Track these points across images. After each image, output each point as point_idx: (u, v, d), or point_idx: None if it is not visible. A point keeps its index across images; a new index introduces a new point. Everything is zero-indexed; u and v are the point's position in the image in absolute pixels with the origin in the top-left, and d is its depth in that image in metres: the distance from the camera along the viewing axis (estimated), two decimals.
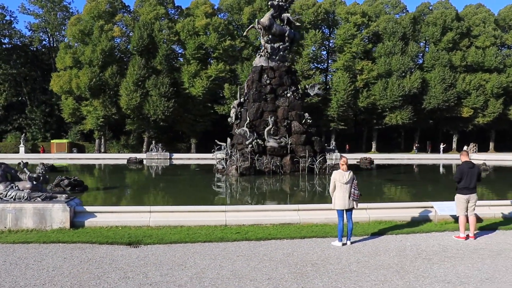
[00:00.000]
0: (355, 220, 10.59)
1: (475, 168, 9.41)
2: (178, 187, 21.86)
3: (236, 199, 16.45)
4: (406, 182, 24.45)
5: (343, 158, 8.99)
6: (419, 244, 8.73)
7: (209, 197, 17.47)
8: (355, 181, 8.86)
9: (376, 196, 17.08)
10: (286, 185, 21.99)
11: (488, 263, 7.35)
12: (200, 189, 20.27)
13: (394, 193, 19.33)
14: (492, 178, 27.66)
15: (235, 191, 20.04)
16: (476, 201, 9.46)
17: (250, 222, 10.31)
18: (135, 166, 36.33)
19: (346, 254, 8.01)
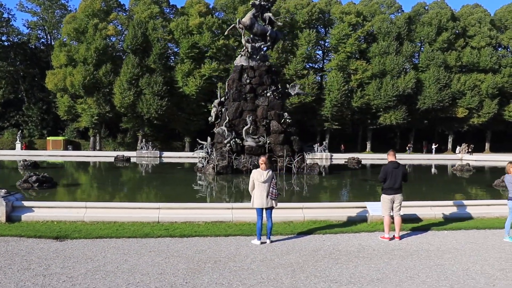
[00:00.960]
0: (291, 219, 10.81)
1: (400, 168, 9.41)
2: (147, 185, 22.08)
3: (194, 197, 16.58)
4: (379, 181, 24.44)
5: (262, 157, 9.12)
6: (339, 244, 8.79)
7: (171, 194, 17.68)
8: (274, 180, 8.98)
9: (333, 196, 17.19)
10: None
11: (393, 264, 7.37)
12: (169, 187, 20.51)
13: (352, 193, 19.42)
14: (464, 179, 27.64)
15: (202, 190, 20.24)
16: (401, 202, 9.43)
17: (182, 220, 10.48)
18: (122, 164, 36.63)
19: (258, 252, 8.14)
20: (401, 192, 9.45)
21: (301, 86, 31.66)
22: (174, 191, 19.36)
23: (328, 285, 6.26)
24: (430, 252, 8.17)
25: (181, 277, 6.58)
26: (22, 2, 67.26)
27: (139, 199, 15.27)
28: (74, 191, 17.66)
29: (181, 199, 15.20)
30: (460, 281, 6.45)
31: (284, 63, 57.96)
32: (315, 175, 26.32)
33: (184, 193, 18.31)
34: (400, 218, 9.37)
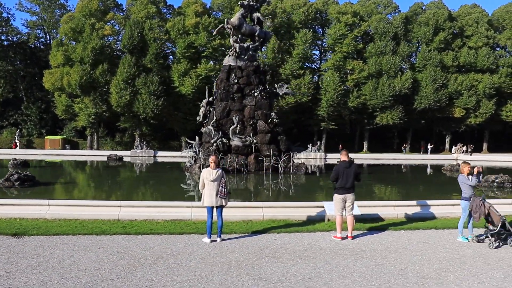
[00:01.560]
0: (250, 218, 10.97)
1: (351, 167, 9.47)
2: (129, 184, 22.32)
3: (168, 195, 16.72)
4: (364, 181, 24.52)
5: (211, 156, 9.31)
6: (289, 243, 8.89)
7: (147, 193, 17.88)
8: (223, 179, 9.14)
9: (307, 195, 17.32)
10: (239, 184, 22.24)
11: (332, 263, 7.45)
12: (146, 186, 20.71)
13: (328, 192, 19.46)
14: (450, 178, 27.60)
15: (181, 189, 20.41)
16: (353, 201, 9.49)
17: (143, 218, 10.67)
18: (114, 163, 36.87)
19: (204, 250, 8.29)
20: (353, 191, 9.52)
21: (289, 86, 31.56)
22: (150, 189, 19.58)
23: (256, 283, 6.39)
24: (376, 251, 8.27)
25: (116, 273, 6.75)
26: (21, 2, 67.76)
27: (112, 197, 15.45)
28: (52, 190, 17.86)
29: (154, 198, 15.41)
30: (390, 281, 6.55)
31: (280, 63, 58.05)
32: (301, 174, 26.44)
33: (159, 192, 18.52)
34: (352, 218, 9.46)
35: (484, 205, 8.74)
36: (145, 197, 16.40)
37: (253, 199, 15.78)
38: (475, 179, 9.21)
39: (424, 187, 22.99)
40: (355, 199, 9.70)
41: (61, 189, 18.31)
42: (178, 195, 16.72)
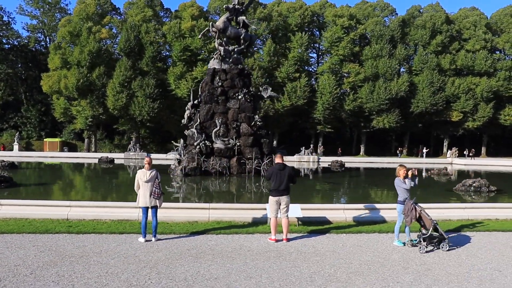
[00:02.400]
0: (196, 218, 11.11)
1: (286, 170, 9.53)
2: (99, 185, 22.60)
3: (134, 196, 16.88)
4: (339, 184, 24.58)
5: (146, 158, 9.46)
6: (221, 244, 8.97)
7: (119, 195, 18.08)
8: (157, 180, 9.29)
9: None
10: (215, 186, 22.38)
11: (250, 265, 7.52)
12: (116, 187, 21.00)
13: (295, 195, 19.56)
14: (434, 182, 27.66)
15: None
16: (287, 204, 9.49)
17: (91, 217, 10.86)
18: (105, 165, 37.18)
19: (133, 249, 8.44)
20: (288, 194, 9.54)
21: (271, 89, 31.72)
22: (116, 190, 19.85)
23: (160, 281, 6.52)
24: (302, 254, 8.31)
25: (32, 269, 6.94)
26: (22, 6, 68.60)
27: (78, 197, 15.66)
28: (25, 190, 18.06)
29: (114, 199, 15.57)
30: (295, 283, 6.57)
31: (276, 66, 58.20)
32: None
33: (121, 193, 18.76)
34: (287, 220, 9.49)
35: (415, 209, 8.79)
36: (106, 198, 16.58)
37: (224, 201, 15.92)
38: (409, 182, 9.26)
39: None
40: (290, 201, 9.75)
41: (34, 190, 18.52)
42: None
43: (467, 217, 11.95)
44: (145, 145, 67.38)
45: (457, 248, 8.87)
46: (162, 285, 6.40)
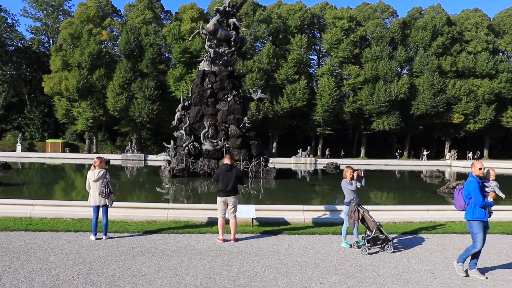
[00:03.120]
0: (154, 218, 11.20)
1: (233, 171, 9.60)
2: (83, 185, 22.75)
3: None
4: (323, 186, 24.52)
5: (95, 158, 9.56)
6: (167, 243, 9.04)
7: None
8: (105, 179, 9.38)
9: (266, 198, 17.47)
10: (199, 187, 22.46)
11: (186, 263, 7.59)
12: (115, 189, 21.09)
13: (272, 196, 19.66)
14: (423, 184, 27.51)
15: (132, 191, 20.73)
16: (235, 204, 9.57)
17: (53, 216, 11.09)
18: None
19: (79, 246, 8.59)
20: (235, 194, 9.61)
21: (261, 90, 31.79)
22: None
23: (85, 277, 6.69)
24: (242, 254, 8.34)
25: None
26: (26, 8, 69.37)
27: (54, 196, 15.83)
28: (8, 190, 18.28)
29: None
30: (217, 281, 6.67)
31: (275, 68, 58.20)
32: (271, 179, 26.49)
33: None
34: (234, 220, 9.55)
35: (358, 211, 8.78)
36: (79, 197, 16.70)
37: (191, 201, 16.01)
38: (355, 183, 9.25)
39: (385, 192, 22.87)
40: (238, 201, 9.83)
41: (16, 190, 18.74)
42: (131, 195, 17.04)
43: (429, 219, 11.89)
44: (147, 147, 67.79)
45: (404, 250, 8.84)
46: (87, 280, 6.53)
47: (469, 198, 7.00)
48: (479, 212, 6.91)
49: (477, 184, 6.95)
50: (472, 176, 7.08)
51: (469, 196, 7.01)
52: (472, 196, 6.95)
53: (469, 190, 7.02)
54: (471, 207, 6.98)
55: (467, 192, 7.05)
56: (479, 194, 6.88)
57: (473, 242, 7.03)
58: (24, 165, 37.78)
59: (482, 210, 6.92)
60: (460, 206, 7.19)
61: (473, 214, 6.94)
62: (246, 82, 55.89)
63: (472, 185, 6.97)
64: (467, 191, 7.05)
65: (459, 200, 7.15)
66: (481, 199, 6.87)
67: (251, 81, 55.73)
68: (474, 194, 6.91)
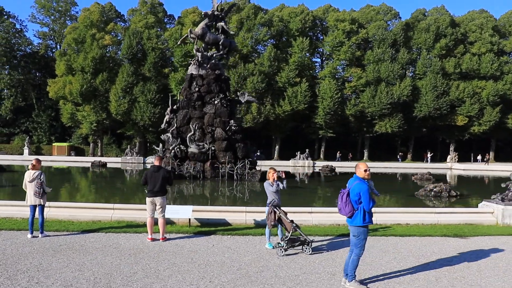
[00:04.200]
0: (99, 218, 11.48)
1: (160, 172, 9.82)
2: (70, 187, 23.24)
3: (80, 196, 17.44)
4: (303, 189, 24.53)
5: (33, 160, 9.89)
6: (95, 241, 9.30)
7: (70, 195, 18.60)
8: (40, 180, 9.66)
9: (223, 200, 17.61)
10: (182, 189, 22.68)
11: (99, 259, 7.87)
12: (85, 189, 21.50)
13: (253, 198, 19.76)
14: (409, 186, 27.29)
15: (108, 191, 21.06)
16: (162, 204, 9.79)
17: (4, 215, 11.53)
18: (97, 169, 38.03)
19: (9, 244, 8.92)
20: (162, 195, 9.84)
21: (250, 93, 31.97)
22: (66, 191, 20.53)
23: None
24: (160, 253, 8.52)
25: None
26: (34, 13, 70.81)
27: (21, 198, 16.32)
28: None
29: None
30: (113, 275, 6.97)
31: (276, 71, 58.29)
32: (255, 181, 26.60)
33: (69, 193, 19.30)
34: (163, 220, 9.75)
35: (275, 212, 8.86)
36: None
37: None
38: (276, 184, 9.31)
39: None
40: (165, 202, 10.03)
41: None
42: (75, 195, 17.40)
43: (374, 221, 11.84)
44: (152, 150, 68.36)
45: (325, 252, 8.87)
46: None
47: (358, 203, 6.53)
48: (368, 217, 6.55)
49: (367, 187, 6.50)
50: (359, 179, 6.62)
51: (358, 201, 6.51)
52: (362, 200, 6.48)
53: (359, 194, 6.49)
54: (360, 212, 6.51)
55: (357, 197, 6.50)
56: (368, 198, 6.47)
57: (358, 249, 6.65)
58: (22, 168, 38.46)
59: (371, 213, 6.61)
60: (348, 212, 6.57)
61: (364, 220, 6.52)
62: (247, 85, 56.19)
63: (364, 189, 6.49)
64: (357, 195, 6.49)
65: (347, 206, 6.51)
66: (371, 204, 6.48)
67: (252, 84, 55.98)
68: (364, 198, 6.47)
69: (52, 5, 69.46)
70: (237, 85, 56.15)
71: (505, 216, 12.24)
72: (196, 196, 20.44)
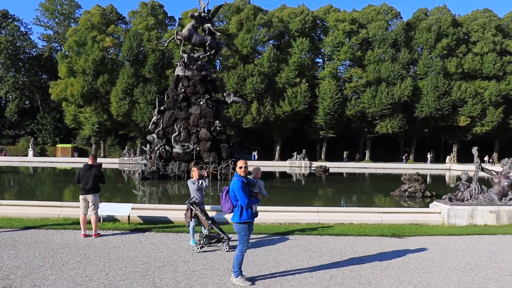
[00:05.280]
0: (47, 216, 11.94)
1: (92, 170, 10.16)
2: (37, 187, 23.68)
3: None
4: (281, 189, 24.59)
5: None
6: (31, 237, 9.64)
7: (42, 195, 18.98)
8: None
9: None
10: (155, 189, 22.95)
11: (21, 253, 8.24)
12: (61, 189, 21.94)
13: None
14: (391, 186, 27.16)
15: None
16: (94, 202, 10.12)
17: None
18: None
19: None
20: (94, 193, 10.15)
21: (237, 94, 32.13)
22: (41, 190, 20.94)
23: None
24: (82, 248, 8.82)
25: None
26: (38, 16, 71.94)
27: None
28: None
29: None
30: (30, 267, 7.30)
31: (276, 71, 58.30)
32: None
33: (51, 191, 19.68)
34: (95, 217, 10.05)
35: (191, 209, 9.03)
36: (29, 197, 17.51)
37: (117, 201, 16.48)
38: (197, 182, 9.48)
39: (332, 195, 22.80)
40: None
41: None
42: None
43: (317, 221, 11.91)
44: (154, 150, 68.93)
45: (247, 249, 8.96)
46: None
47: (236, 200, 6.76)
48: (246, 213, 6.70)
49: (242, 184, 6.68)
50: (237, 176, 6.81)
51: (235, 197, 6.75)
52: (237, 197, 6.70)
53: (234, 191, 6.73)
54: (238, 209, 6.74)
55: (233, 193, 6.76)
56: (243, 194, 6.62)
57: (241, 245, 6.80)
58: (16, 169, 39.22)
59: (250, 211, 6.71)
60: (228, 208, 6.85)
61: (241, 216, 6.71)
62: (246, 86, 56.32)
63: (237, 185, 6.68)
64: (233, 192, 6.76)
65: (227, 202, 6.81)
66: (246, 200, 6.63)
67: (251, 85, 56.09)
68: (239, 194, 6.66)
69: (56, 8, 70.50)
70: (236, 86, 56.33)
71: (450, 216, 12.20)
72: (175, 196, 20.71)
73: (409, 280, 7.07)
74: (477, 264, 8.17)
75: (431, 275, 7.34)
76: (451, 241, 10.16)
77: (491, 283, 7.02)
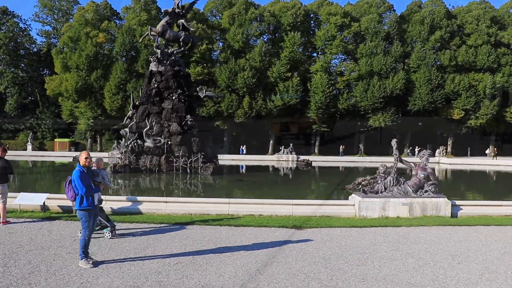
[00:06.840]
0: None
1: (0, 162, 10.76)
2: (24, 181, 24.38)
3: None
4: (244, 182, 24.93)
5: None
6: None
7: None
8: None
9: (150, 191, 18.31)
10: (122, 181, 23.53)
11: None
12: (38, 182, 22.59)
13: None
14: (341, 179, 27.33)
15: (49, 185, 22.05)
16: (2, 191, 10.82)
17: None
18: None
19: None
20: (2, 182, 10.85)
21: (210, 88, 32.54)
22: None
23: None
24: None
25: None
26: (37, 13, 72.99)
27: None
28: None
29: None
30: None
31: (267, 66, 58.48)
32: (207, 175, 27.20)
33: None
34: (2, 205, 10.77)
35: None
36: None
37: None
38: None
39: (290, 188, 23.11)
40: None
41: None
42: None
43: (227, 212, 12.27)
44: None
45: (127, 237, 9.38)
46: None
47: (77, 188, 7.31)
48: (86, 201, 7.26)
49: (80, 173, 7.27)
50: (79, 166, 7.42)
51: (76, 186, 7.31)
52: (76, 186, 7.28)
53: (74, 181, 7.35)
54: (79, 197, 7.31)
55: (74, 183, 7.37)
56: (81, 183, 7.20)
57: (83, 231, 7.38)
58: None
59: (90, 199, 7.27)
60: (71, 196, 7.57)
61: (81, 204, 7.28)
62: (238, 80, 56.61)
63: (76, 175, 7.31)
64: (73, 181, 7.39)
65: (69, 191, 7.52)
66: (84, 189, 7.19)
67: (243, 80, 56.39)
68: (78, 183, 7.24)
69: (54, 4, 71.46)
70: (228, 80, 56.71)
71: (361, 208, 12.47)
72: (145, 188, 21.35)
73: (250, 269, 7.40)
74: (340, 254, 8.42)
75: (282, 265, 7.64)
76: (346, 233, 10.39)
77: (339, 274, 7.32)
